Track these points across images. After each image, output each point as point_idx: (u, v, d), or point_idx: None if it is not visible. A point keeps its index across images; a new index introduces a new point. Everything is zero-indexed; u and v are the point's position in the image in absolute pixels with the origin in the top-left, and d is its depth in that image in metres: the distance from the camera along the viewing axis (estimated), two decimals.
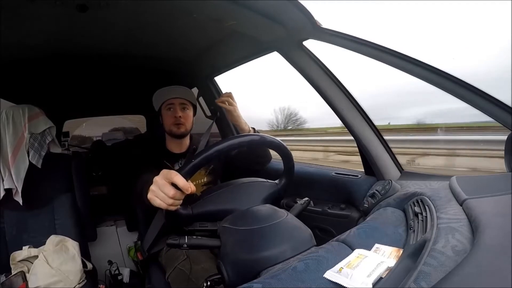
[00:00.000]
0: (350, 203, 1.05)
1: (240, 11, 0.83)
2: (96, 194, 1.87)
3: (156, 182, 0.58)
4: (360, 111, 0.98)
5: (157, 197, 0.58)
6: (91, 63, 1.34)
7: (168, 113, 1.12)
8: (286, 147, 0.73)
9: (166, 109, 1.13)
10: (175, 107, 1.12)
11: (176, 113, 1.11)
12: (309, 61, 0.99)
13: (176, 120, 1.11)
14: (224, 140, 0.64)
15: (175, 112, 1.11)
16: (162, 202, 0.58)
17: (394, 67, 0.76)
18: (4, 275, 1.03)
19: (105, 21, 0.94)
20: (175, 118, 1.11)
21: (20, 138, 1.14)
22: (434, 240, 0.44)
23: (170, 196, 0.57)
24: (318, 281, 0.43)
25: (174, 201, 0.58)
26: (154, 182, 0.59)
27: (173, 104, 1.12)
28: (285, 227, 0.60)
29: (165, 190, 0.57)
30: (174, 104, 1.12)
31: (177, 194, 0.57)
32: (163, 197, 0.57)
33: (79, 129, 3.22)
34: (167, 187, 0.57)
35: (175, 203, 0.59)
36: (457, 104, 0.63)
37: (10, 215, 1.16)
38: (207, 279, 0.60)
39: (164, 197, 0.57)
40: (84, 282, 1.07)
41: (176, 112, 1.11)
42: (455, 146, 4.31)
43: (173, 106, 1.12)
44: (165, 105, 1.13)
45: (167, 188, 0.56)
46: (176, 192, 0.56)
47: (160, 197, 0.58)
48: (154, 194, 0.58)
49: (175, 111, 1.11)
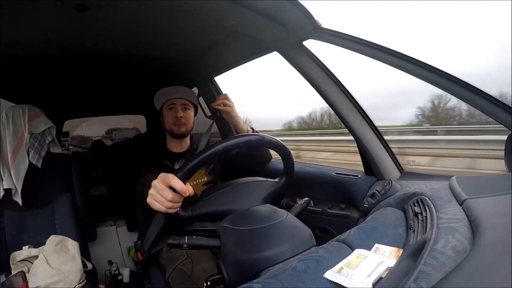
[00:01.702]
0: (350, 203, 1.05)
1: (240, 11, 0.83)
2: (96, 194, 1.87)
3: (155, 186, 0.58)
4: (360, 111, 0.98)
5: (156, 201, 0.58)
6: (91, 63, 1.34)
7: (169, 113, 1.13)
8: (285, 146, 0.73)
9: (168, 109, 1.13)
10: (176, 107, 1.12)
11: (177, 113, 1.11)
12: (309, 61, 0.99)
13: (177, 120, 1.11)
14: (221, 141, 0.63)
15: (176, 112, 1.12)
16: (161, 206, 0.58)
17: (394, 67, 0.76)
18: (4, 275, 1.03)
19: (105, 21, 0.93)
20: (176, 118, 1.11)
21: (20, 138, 1.14)
22: (434, 240, 0.44)
23: (168, 200, 0.57)
24: (318, 281, 0.43)
25: (173, 204, 0.58)
26: (153, 186, 0.59)
27: (175, 104, 1.12)
28: (285, 227, 0.60)
29: (163, 194, 0.57)
30: (175, 104, 1.12)
31: (176, 197, 0.57)
32: (161, 201, 0.57)
33: (79, 129, 3.21)
34: (165, 191, 0.57)
35: (174, 206, 0.59)
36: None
37: (10, 215, 1.16)
38: (207, 279, 0.60)
39: (162, 200, 0.57)
40: (84, 282, 1.07)
41: (177, 112, 1.12)
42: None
43: (174, 106, 1.13)
44: (167, 105, 1.13)
45: (166, 192, 0.57)
46: (174, 195, 0.56)
47: (159, 201, 0.58)
48: (153, 198, 0.59)
49: (176, 111, 1.12)
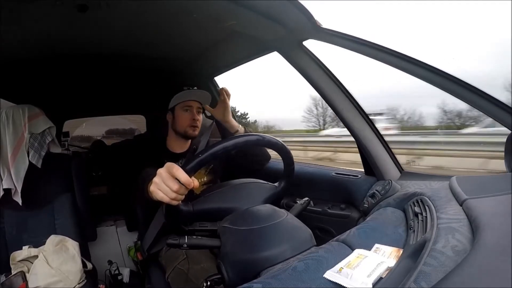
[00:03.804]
0: (350, 203, 1.05)
1: (240, 11, 0.83)
2: (96, 194, 1.86)
3: (160, 174, 0.56)
4: (360, 111, 0.98)
5: (160, 190, 0.56)
6: (91, 63, 1.34)
7: (184, 114, 1.14)
8: (286, 147, 0.72)
9: (183, 110, 1.14)
10: (192, 110, 1.14)
11: (194, 115, 1.13)
12: (309, 61, 0.99)
13: (193, 123, 1.13)
14: (230, 137, 0.64)
15: (192, 114, 1.14)
16: (165, 196, 0.56)
17: (394, 67, 0.76)
18: (4, 275, 1.03)
19: (105, 21, 0.94)
20: (193, 121, 1.13)
21: (20, 138, 1.14)
22: (434, 240, 0.44)
23: (173, 190, 0.55)
24: (318, 281, 0.43)
25: (177, 195, 0.56)
26: (158, 174, 0.57)
27: (191, 107, 1.14)
28: (285, 227, 0.60)
29: (168, 183, 0.55)
30: (192, 107, 1.14)
31: (181, 188, 0.55)
32: (166, 191, 0.55)
33: (80, 129, 3.21)
34: (170, 180, 0.55)
35: (178, 198, 0.57)
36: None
37: (10, 215, 1.16)
38: (207, 279, 0.60)
39: (167, 190, 0.55)
40: (84, 282, 1.07)
41: (193, 114, 1.14)
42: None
43: (190, 109, 1.14)
44: (183, 105, 1.14)
45: (171, 181, 0.55)
46: (179, 186, 0.55)
47: (163, 190, 0.56)
48: (157, 187, 0.56)
49: (193, 114, 1.14)
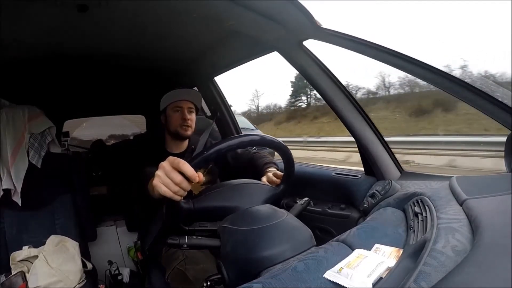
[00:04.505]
0: (350, 203, 1.05)
1: (240, 11, 0.83)
2: (96, 194, 1.87)
3: (163, 167, 0.54)
4: (360, 111, 0.98)
5: (162, 184, 0.54)
6: (91, 63, 1.33)
7: (175, 114, 1.14)
8: (288, 149, 0.72)
9: (174, 111, 1.14)
10: (183, 110, 1.14)
11: (184, 115, 1.13)
12: (309, 61, 0.99)
13: (184, 122, 1.13)
14: (235, 136, 0.65)
15: (183, 114, 1.13)
16: (168, 189, 0.54)
17: (394, 67, 0.76)
18: (4, 275, 1.03)
19: (105, 21, 0.93)
20: (183, 120, 1.13)
21: (20, 138, 1.14)
22: (434, 240, 0.44)
23: (176, 183, 0.53)
24: (318, 281, 0.43)
25: (179, 189, 0.54)
26: (161, 168, 0.55)
27: (181, 107, 1.14)
28: (285, 227, 0.59)
29: (171, 176, 0.53)
30: (182, 107, 1.14)
31: (184, 182, 0.53)
32: (169, 184, 0.54)
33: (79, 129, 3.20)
34: (174, 173, 0.53)
35: (180, 192, 0.55)
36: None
37: (10, 215, 1.16)
38: (207, 279, 0.60)
39: (170, 183, 0.53)
40: (84, 282, 1.07)
41: (184, 114, 1.13)
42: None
43: (181, 109, 1.14)
44: (173, 106, 1.14)
45: (174, 174, 0.53)
46: (183, 179, 0.53)
47: (166, 183, 0.54)
48: (159, 181, 0.54)
49: (183, 114, 1.13)
